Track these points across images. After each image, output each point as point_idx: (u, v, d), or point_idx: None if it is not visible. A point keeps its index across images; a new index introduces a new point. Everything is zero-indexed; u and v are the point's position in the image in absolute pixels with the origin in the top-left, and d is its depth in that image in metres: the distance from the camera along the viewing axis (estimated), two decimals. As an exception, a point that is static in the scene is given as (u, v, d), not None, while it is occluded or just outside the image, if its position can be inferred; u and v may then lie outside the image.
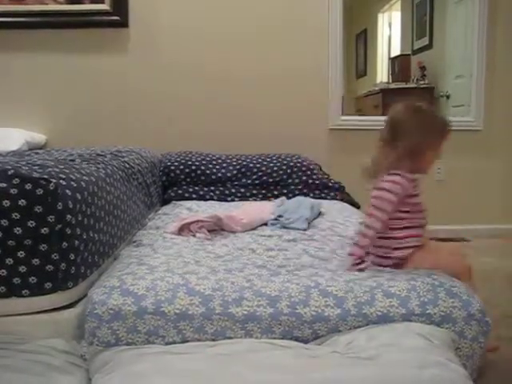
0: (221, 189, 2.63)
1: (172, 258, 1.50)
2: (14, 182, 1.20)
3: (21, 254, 1.20)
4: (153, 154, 2.63)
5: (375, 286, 1.30)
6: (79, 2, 3.04)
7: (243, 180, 2.66)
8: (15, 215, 1.19)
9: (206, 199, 2.55)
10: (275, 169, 2.68)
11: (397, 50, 5.35)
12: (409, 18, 5.04)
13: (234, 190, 2.62)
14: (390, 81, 5.16)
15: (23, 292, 1.23)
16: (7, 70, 3.11)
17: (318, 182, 2.67)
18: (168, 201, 2.54)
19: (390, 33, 5.62)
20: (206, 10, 3.12)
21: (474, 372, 1.29)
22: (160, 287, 1.26)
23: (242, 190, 2.62)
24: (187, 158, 2.71)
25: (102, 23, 3.07)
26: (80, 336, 1.25)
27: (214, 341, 1.21)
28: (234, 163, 2.73)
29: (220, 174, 2.67)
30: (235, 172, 2.68)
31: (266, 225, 1.97)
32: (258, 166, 2.70)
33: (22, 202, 1.19)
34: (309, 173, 2.70)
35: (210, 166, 2.69)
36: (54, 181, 1.24)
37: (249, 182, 2.65)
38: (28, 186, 1.20)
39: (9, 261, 1.20)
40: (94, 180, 1.48)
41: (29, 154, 2.20)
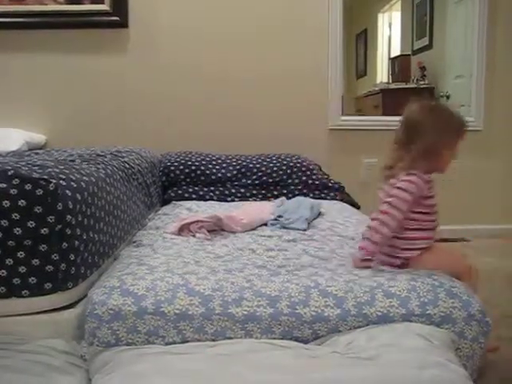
0: (221, 189, 2.63)
1: (172, 258, 1.50)
2: (13, 182, 1.20)
3: (21, 254, 1.20)
4: (152, 154, 2.62)
5: (375, 286, 1.30)
6: (79, 2, 3.03)
7: (243, 180, 2.66)
8: (15, 215, 1.19)
9: (205, 199, 2.54)
10: (275, 169, 2.68)
11: (397, 50, 5.35)
12: (409, 18, 5.04)
13: (233, 191, 2.62)
14: (390, 81, 5.16)
15: (23, 292, 1.23)
16: (6, 71, 3.10)
17: (317, 183, 2.67)
18: (168, 201, 2.54)
19: (390, 33, 5.62)
20: (205, 11, 3.12)
21: (474, 372, 1.29)
22: (160, 287, 1.26)
23: (242, 191, 2.62)
24: (187, 159, 2.71)
25: (101, 24, 3.06)
26: (80, 336, 1.25)
27: (213, 341, 1.21)
28: (233, 163, 2.72)
29: (220, 175, 2.66)
30: (235, 172, 2.68)
31: (265, 225, 1.97)
32: (257, 166, 2.70)
33: (21, 203, 1.19)
34: (308, 173, 2.69)
35: (210, 166, 2.69)
36: (54, 181, 1.24)
37: (249, 182, 2.65)
38: (28, 187, 1.20)
39: (9, 261, 1.20)
40: (94, 180, 1.48)
41: (28, 155, 2.19)
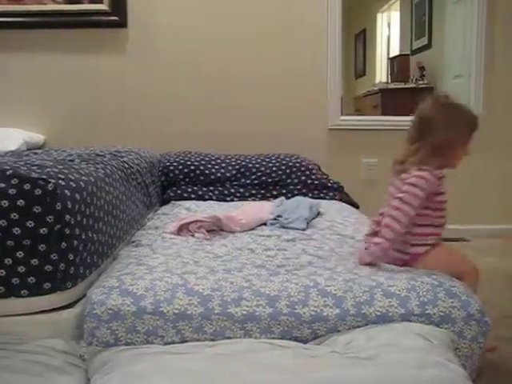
0: (220, 189, 2.62)
1: (171, 258, 1.50)
2: (12, 182, 1.19)
3: (19, 254, 1.20)
4: (152, 154, 2.62)
5: (375, 285, 1.29)
6: (78, 1, 3.03)
7: (242, 180, 2.66)
8: (14, 215, 1.19)
9: (204, 199, 2.54)
10: (274, 169, 2.68)
11: (396, 50, 5.36)
12: (408, 18, 5.04)
13: (233, 190, 2.62)
14: (389, 81, 5.17)
15: (22, 292, 1.22)
16: (5, 70, 3.10)
17: (316, 182, 2.67)
18: (167, 201, 2.54)
19: (389, 33, 5.63)
20: (204, 10, 3.12)
21: (473, 372, 1.29)
22: (159, 287, 1.25)
23: (241, 190, 2.62)
24: (186, 158, 2.70)
25: (100, 23, 3.06)
26: (79, 336, 1.25)
27: (213, 341, 1.21)
28: (232, 163, 2.72)
29: (219, 174, 2.66)
30: (234, 172, 2.67)
31: (265, 225, 1.97)
32: (256, 166, 2.69)
33: (20, 203, 1.19)
34: (308, 173, 2.69)
35: (209, 166, 2.69)
36: (53, 181, 1.24)
37: (248, 182, 2.65)
38: (27, 186, 1.20)
39: (7, 261, 1.20)
40: (93, 180, 1.48)
41: (27, 154, 2.19)
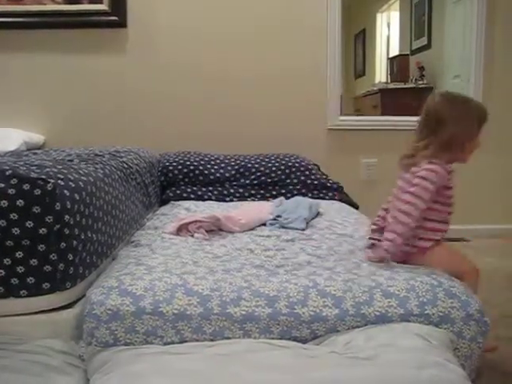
0: (219, 189, 2.62)
1: (170, 258, 1.50)
2: (11, 182, 1.19)
3: (19, 254, 1.20)
4: (151, 154, 2.62)
5: (374, 285, 1.29)
6: (77, 2, 3.03)
7: (241, 180, 2.66)
8: (13, 215, 1.19)
9: (204, 199, 2.54)
10: (273, 169, 2.68)
11: (395, 50, 5.36)
12: (407, 18, 5.05)
13: (232, 190, 2.62)
14: (389, 81, 5.17)
15: (21, 292, 1.22)
16: (5, 70, 3.10)
17: (316, 183, 2.67)
18: (166, 201, 2.54)
19: (389, 33, 5.63)
20: (204, 10, 3.12)
21: (473, 372, 1.29)
22: (158, 287, 1.25)
23: (241, 190, 2.62)
24: (185, 158, 2.70)
25: (100, 23, 3.06)
26: (78, 336, 1.25)
27: (212, 341, 1.21)
28: (232, 163, 2.72)
29: (218, 174, 2.66)
30: (233, 172, 2.67)
31: (264, 225, 1.97)
32: (256, 166, 2.69)
33: (19, 203, 1.19)
34: (307, 173, 2.69)
35: (209, 166, 2.69)
36: (52, 181, 1.24)
37: (247, 182, 2.65)
38: (26, 187, 1.20)
39: (7, 261, 1.20)
40: (93, 180, 1.48)
41: (27, 155, 2.19)
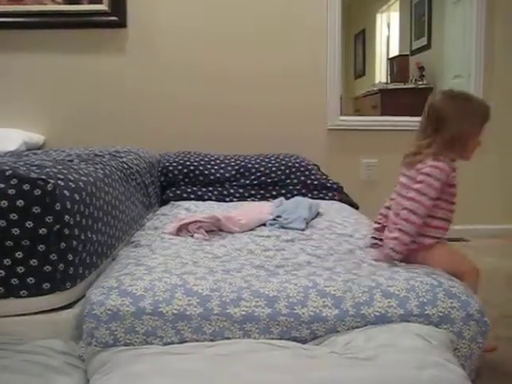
0: (219, 189, 2.62)
1: (170, 258, 1.50)
2: (11, 182, 1.19)
3: (19, 254, 1.20)
4: (151, 154, 2.62)
5: (374, 285, 1.29)
6: (77, 2, 3.03)
7: (241, 180, 2.66)
8: (13, 216, 1.19)
9: (204, 200, 2.54)
10: (273, 169, 2.68)
11: (395, 51, 5.36)
12: (407, 19, 5.05)
13: (232, 191, 2.62)
14: (389, 81, 5.17)
15: (21, 293, 1.22)
16: (5, 71, 3.10)
17: (316, 183, 2.67)
18: (166, 201, 2.54)
19: (389, 33, 5.63)
20: (204, 10, 3.12)
21: (472, 372, 1.29)
22: (158, 288, 1.25)
23: (241, 191, 2.62)
24: (185, 159, 2.70)
25: (100, 24, 3.06)
26: (78, 337, 1.25)
27: (212, 341, 1.21)
28: (232, 163, 2.72)
29: (218, 175, 2.66)
30: (233, 172, 2.67)
31: (264, 225, 1.97)
32: (256, 166, 2.69)
33: (19, 203, 1.19)
34: (307, 173, 2.69)
35: (209, 166, 2.69)
36: (52, 181, 1.24)
37: (247, 182, 2.65)
38: (26, 187, 1.20)
39: (7, 261, 1.20)
40: (93, 180, 1.48)
41: (27, 155, 2.19)
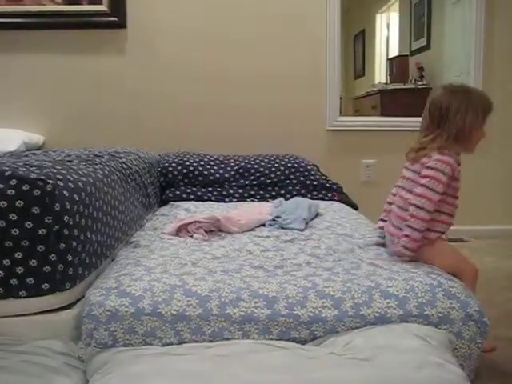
0: (219, 190, 2.62)
1: (169, 259, 1.50)
2: (11, 183, 1.19)
3: (18, 255, 1.20)
4: (151, 154, 2.62)
5: (373, 286, 1.29)
6: (77, 2, 3.03)
7: (241, 181, 2.66)
8: (12, 216, 1.18)
9: (203, 200, 2.54)
10: (273, 170, 2.68)
11: (395, 51, 5.35)
12: (407, 19, 5.04)
13: (231, 191, 2.62)
14: (388, 81, 5.17)
15: (20, 293, 1.22)
16: (5, 71, 3.10)
17: (315, 183, 2.67)
18: (166, 202, 2.54)
19: (388, 33, 5.62)
20: (204, 11, 3.12)
21: (472, 373, 1.29)
22: (157, 288, 1.25)
23: (240, 191, 2.62)
24: (185, 159, 2.70)
25: (99, 24, 3.06)
26: (77, 337, 1.24)
27: (211, 342, 1.21)
28: (231, 164, 2.72)
29: (218, 175, 2.66)
30: (233, 173, 2.67)
31: (263, 226, 1.97)
32: (255, 166, 2.69)
33: (19, 203, 1.19)
34: (306, 174, 2.69)
35: (208, 166, 2.69)
36: (52, 182, 1.24)
37: (247, 182, 2.65)
38: (25, 187, 1.20)
39: (6, 262, 1.20)
40: (92, 181, 1.48)
41: (26, 155, 2.19)
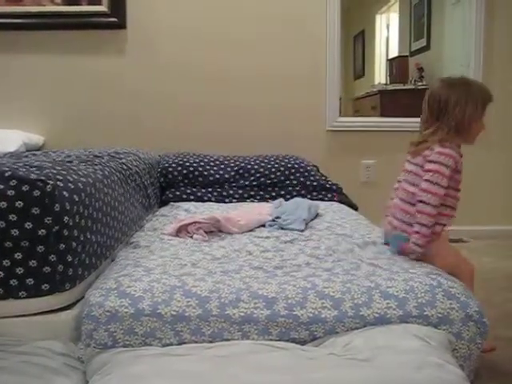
0: (218, 190, 2.62)
1: (169, 259, 1.50)
2: (11, 183, 1.19)
3: (18, 255, 1.20)
4: (150, 155, 2.62)
5: (373, 286, 1.29)
6: (77, 3, 3.04)
7: (241, 181, 2.66)
8: (12, 217, 1.19)
9: (203, 200, 2.54)
10: (273, 170, 2.68)
11: (394, 52, 5.35)
12: (406, 20, 5.04)
13: (231, 192, 2.62)
14: (388, 82, 5.17)
15: (20, 294, 1.22)
16: (5, 72, 3.10)
17: (315, 184, 2.67)
18: (166, 202, 2.54)
19: (388, 34, 5.62)
20: (203, 11, 3.13)
21: (472, 373, 1.29)
22: (157, 289, 1.25)
23: (240, 192, 2.62)
24: (185, 160, 2.70)
25: (99, 25, 3.07)
26: (77, 338, 1.24)
27: (211, 342, 1.21)
28: (231, 164, 2.72)
29: (218, 176, 2.66)
30: (233, 173, 2.68)
31: (263, 226, 1.97)
32: (255, 167, 2.70)
33: (19, 204, 1.19)
34: (306, 174, 2.69)
35: (208, 167, 2.69)
36: (52, 182, 1.24)
37: (246, 183, 2.65)
38: (25, 188, 1.20)
39: (6, 262, 1.20)
40: (92, 181, 1.48)
41: (26, 156, 2.19)
